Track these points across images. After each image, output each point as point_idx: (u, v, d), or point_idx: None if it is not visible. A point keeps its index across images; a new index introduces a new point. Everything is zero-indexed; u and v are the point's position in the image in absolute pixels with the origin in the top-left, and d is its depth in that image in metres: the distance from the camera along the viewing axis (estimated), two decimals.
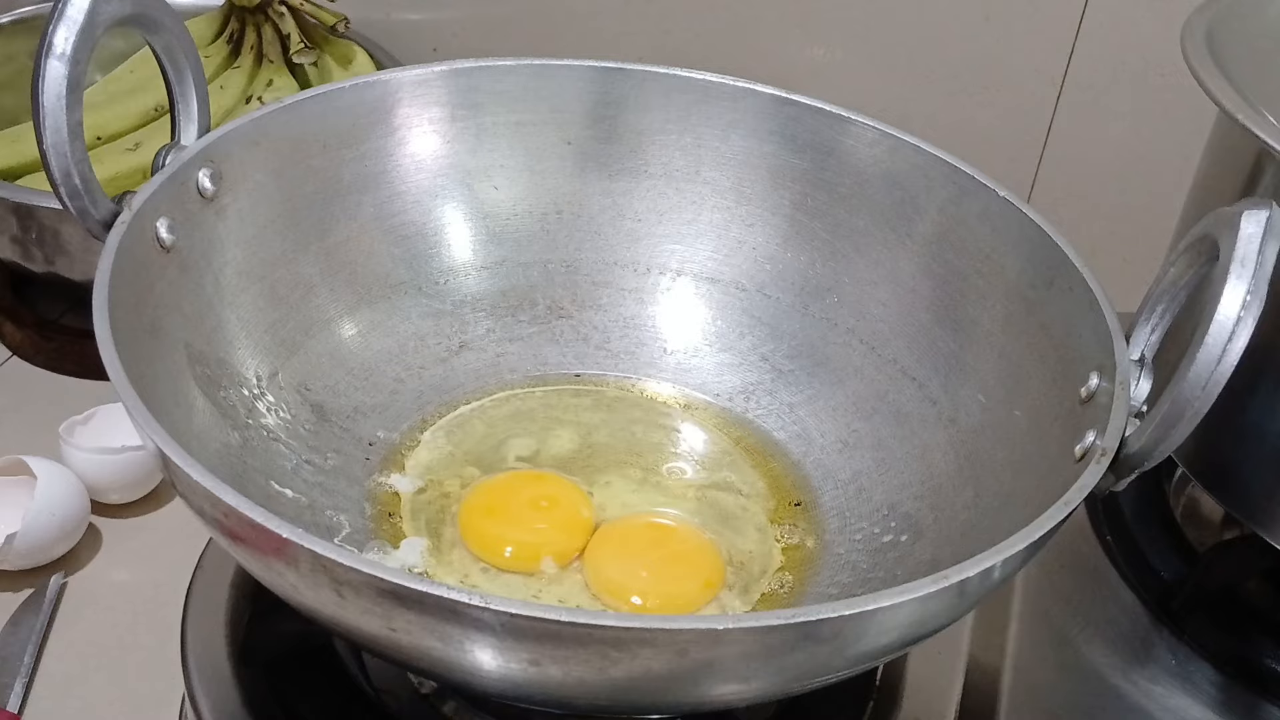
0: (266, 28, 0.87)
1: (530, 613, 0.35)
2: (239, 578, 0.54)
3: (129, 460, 0.68)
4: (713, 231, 0.63)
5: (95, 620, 0.65)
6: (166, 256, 0.50)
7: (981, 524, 0.50)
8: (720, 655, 0.37)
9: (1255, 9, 0.60)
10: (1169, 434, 0.43)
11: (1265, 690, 0.57)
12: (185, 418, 0.48)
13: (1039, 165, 0.86)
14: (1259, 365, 0.49)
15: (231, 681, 0.50)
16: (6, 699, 0.60)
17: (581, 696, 0.39)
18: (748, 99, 0.61)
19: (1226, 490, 0.57)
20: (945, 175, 0.57)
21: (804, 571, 0.54)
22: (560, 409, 0.60)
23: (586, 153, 0.63)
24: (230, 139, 0.53)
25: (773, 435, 0.60)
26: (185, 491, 0.41)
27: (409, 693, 0.51)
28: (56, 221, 0.73)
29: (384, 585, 0.36)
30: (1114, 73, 0.81)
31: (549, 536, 0.53)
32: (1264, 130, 0.49)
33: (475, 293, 0.62)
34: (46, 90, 0.46)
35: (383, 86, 0.59)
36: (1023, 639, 0.58)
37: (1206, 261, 0.44)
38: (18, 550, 0.64)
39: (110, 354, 0.42)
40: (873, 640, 0.39)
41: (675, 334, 0.63)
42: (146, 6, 0.49)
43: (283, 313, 0.56)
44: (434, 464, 0.57)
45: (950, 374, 0.56)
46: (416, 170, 0.60)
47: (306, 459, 0.54)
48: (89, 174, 0.48)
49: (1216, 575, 0.61)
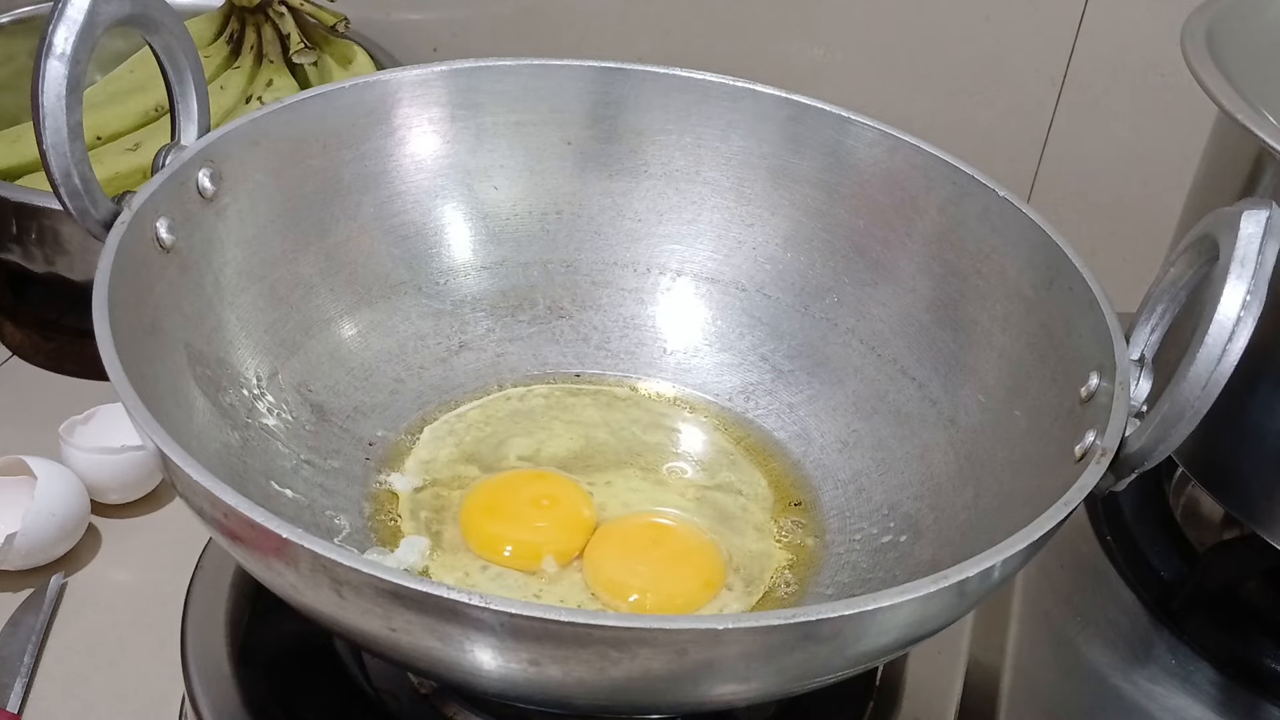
0: (266, 28, 0.87)
1: (530, 613, 0.35)
2: (239, 578, 0.54)
3: (129, 460, 0.68)
4: (713, 231, 0.63)
5: (95, 620, 0.65)
6: (166, 256, 0.50)
7: (981, 524, 0.50)
8: (720, 655, 0.37)
9: (1255, 9, 0.60)
10: (1169, 434, 0.43)
11: (1265, 690, 0.57)
12: (185, 418, 0.48)
13: (1039, 165, 0.86)
14: (1259, 365, 0.49)
15: (231, 681, 0.50)
16: (6, 699, 0.60)
17: (581, 696, 0.39)
18: (748, 99, 0.61)
19: (1226, 490, 0.57)
20: (945, 175, 0.57)
21: (804, 571, 0.54)
22: (560, 409, 0.60)
23: (586, 153, 0.63)
24: (230, 139, 0.53)
25: (773, 435, 0.60)
26: (185, 491, 0.41)
27: (409, 693, 0.51)
28: (56, 221, 0.73)
29: (384, 585, 0.36)
30: (1114, 73, 0.81)
31: (550, 535, 0.53)
32: (1264, 130, 0.49)
33: (475, 293, 0.62)
34: (46, 90, 0.46)
35: (383, 86, 0.59)
36: (1023, 639, 0.58)
37: (1206, 261, 0.44)
38: (18, 550, 0.64)
39: (110, 354, 0.42)
40: (873, 640, 0.39)
41: (675, 334, 0.63)
42: (146, 6, 0.49)
43: (283, 313, 0.56)
44: (434, 464, 0.57)
45: (950, 374, 0.56)
46: (416, 170, 0.60)
47: (306, 459, 0.54)
48: (89, 174, 0.47)
49: (1216, 575, 0.61)
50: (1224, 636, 0.59)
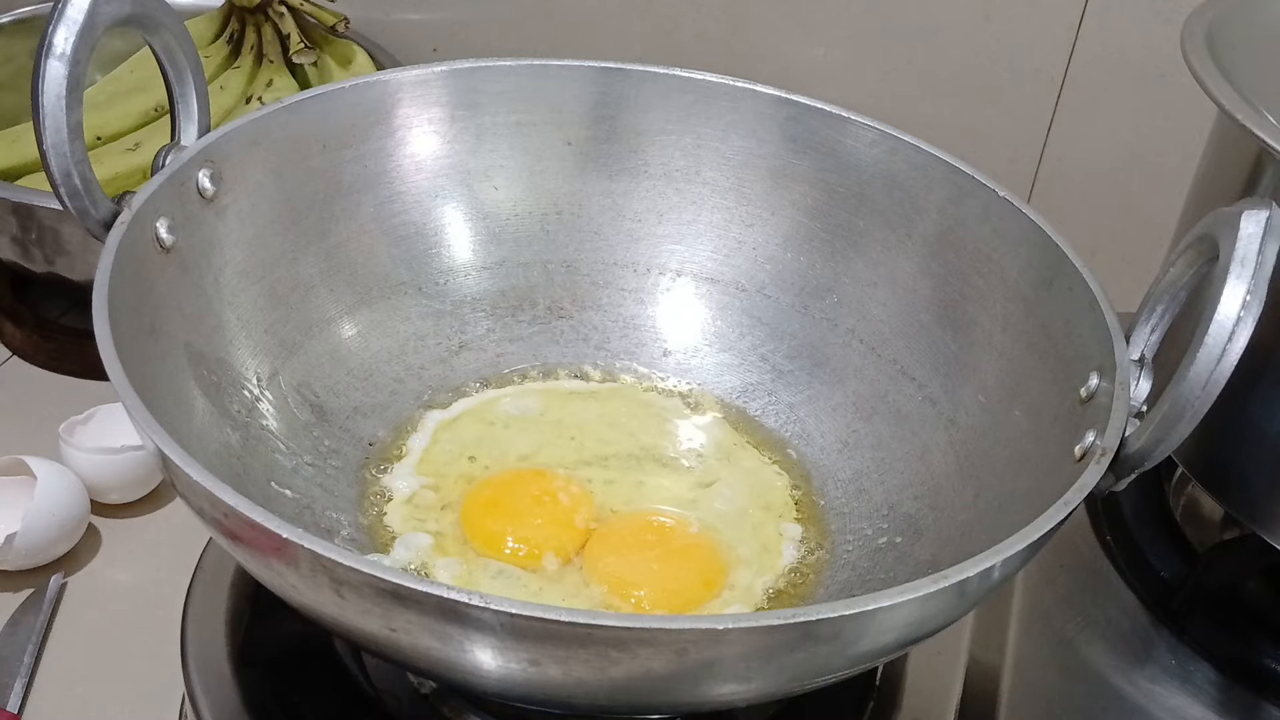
0: (266, 28, 0.88)
1: (530, 613, 0.35)
2: (239, 578, 0.54)
3: (129, 460, 0.68)
4: (713, 231, 0.63)
5: (95, 620, 0.65)
6: (166, 256, 0.50)
7: (981, 524, 0.50)
8: (720, 655, 0.37)
9: (1255, 9, 0.60)
10: (1169, 434, 0.43)
11: (1265, 690, 0.57)
12: (185, 418, 0.48)
13: (1039, 165, 0.86)
14: (1259, 365, 0.49)
15: (231, 681, 0.50)
16: (6, 699, 0.60)
17: (581, 696, 0.39)
18: (748, 99, 0.61)
19: (1226, 490, 0.57)
20: (945, 175, 0.57)
21: (804, 571, 0.54)
22: (560, 409, 0.60)
23: (586, 153, 0.63)
24: (230, 139, 0.53)
25: (773, 435, 0.60)
26: (185, 491, 0.41)
27: (409, 693, 0.51)
28: (56, 221, 0.73)
29: (384, 585, 0.36)
30: (1114, 73, 0.81)
31: (550, 533, 0.53)
32: (1264, 130, 0.49)
33: (475, 293, 0.62)
34: (46, 90, 0.46)
35: (383, 86, 0.59)
36: (1023, 639, 0.58)
37: (1206, 261, 0.44)
38: (18, 550, 0.64)
39: (110, 354, 0.42)
40: (873, 640, 0.39)
41: (675, 334, 0.63)
42: (146, 6, 0.49)
43: (283, 313, 0.56)
44: (434, 464, 0.57)
45: (950, 374, 0.56)
46: (416, 170, 0.60)
47: (307, 459, 0.54)
48: (89, 174, 0.48)
49: (1216, 575, 0.61)
50: (1224, 636, 0.59)
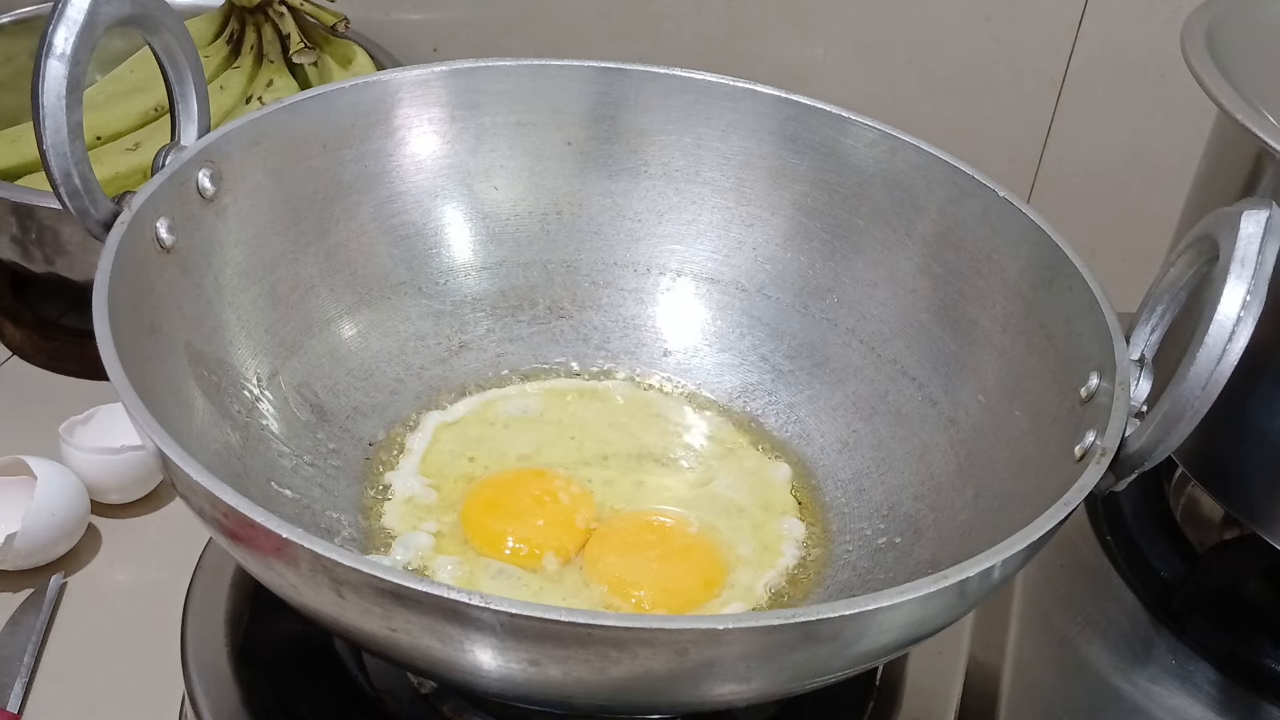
0: (266, 28, 0.88)
1: (530, 613, 0.35)
2: (239, 578, 0.54)
3: (129, 460, 0.68)
4: (713, 231, 0.63)
5: (95, 620, 0.65)
6: (166, 256, 0.50)
7: (981, 524, 0.50)
8: (720, 655, 0.37)
9: (1255, 9, 0.60)
10: (1169, 434, 0.43)
11: (1265, 690, 0.57)
12: (185, 418, 0.48)
13: (1039, 165, 0.86)
14: (1259, 365, 0.49)
15: (231, 681, 0.50)
16: (6, 699, 0.60)
17: (581, 696, 0.39)
18: (748, 99, 0.61)
19: (1226, 490, 0.57)
20: (945, 175, 0.57)
21: (805, 571, 0.54)
22: (560, 409, 0.60)
23: (586, 153, 0.63)
24: (230, 139, 0.53)
25: (773, 435, 0.60)
26: (185, 491, 0.41)
27: (409, 693, 0.51)
28: (56, 221, 0.73)
29: (384, 585, 0.36)
30: (1114, 73, 0.81)
31: (551, 533, 0.53)
32: (1264, 130, 0.49)
33: (475, 293, 0.62)
34: (46, 90, 0.46)
35: (383, 86, 0.59)
36: (1023, 639, 0.58)
37: (1206, 261, 0.44)
38: (18, 550, 0.64)
39: (110, 354, 0.42)
40: (873, 640, 0.39)
41: (675, 334, 0.63)
42: (146, 6, 0.49)
43: (283, 313, 0.56)
44: (434, 464, 0.57)
45: (950, 374, 0.56)
46: (416, 170, 0.60)
47: (307, 459, 0.54)
48: (89, 174, 0.48)
49: (1216, 575, 0.61)
50: (1224, 636, 0.59)
